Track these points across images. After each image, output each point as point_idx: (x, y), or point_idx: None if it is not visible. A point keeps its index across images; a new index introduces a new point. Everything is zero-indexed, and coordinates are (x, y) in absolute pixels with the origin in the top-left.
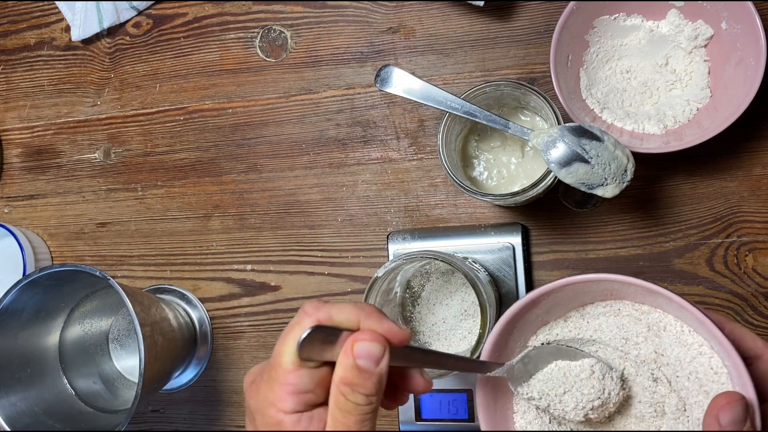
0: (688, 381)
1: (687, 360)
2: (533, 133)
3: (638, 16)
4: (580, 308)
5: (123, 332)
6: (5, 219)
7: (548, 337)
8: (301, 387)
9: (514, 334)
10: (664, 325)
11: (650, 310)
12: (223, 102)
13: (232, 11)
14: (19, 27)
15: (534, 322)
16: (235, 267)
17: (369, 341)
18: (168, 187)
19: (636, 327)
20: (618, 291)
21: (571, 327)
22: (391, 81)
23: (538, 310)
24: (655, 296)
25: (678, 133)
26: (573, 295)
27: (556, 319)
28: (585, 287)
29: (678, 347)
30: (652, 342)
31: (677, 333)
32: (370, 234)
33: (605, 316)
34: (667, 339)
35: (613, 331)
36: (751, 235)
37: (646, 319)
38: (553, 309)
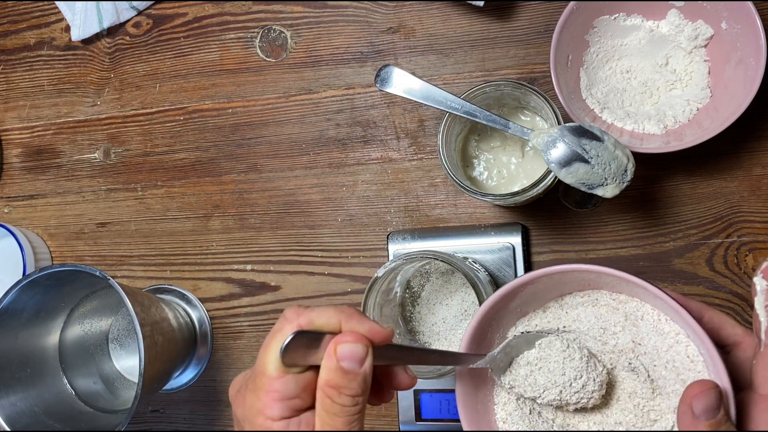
0: (665, 370)
1: (664, 349)
2: (533, 133)
3: (638, 16)
4: (559, 298)
5: (123, 332)
6: (5, 219)
7: (527, 328)
8: (287, 393)
9: (493, 326)
10: (642, 315)
11: (627, 300)
12: (223, 102)
13: (232, 11)
14: (19, 27)
15: (513, 313)
16: (235, 267)
17: (351, 343)
18: (168, 187)
19: (614, 316)
20: (595, 281)
21: (550, 317)
22: (391, 81)
23: (517, 301)
24: (631, 286)
25: (678, 133)
26: (551, 285)
27: (534, 310)
28: (562, 277)
29: (655, 336)
30: (629, 331)
31: (654, 322)
32: (370, 234)
33: (583, 306)
34: (644, 328)
35: (591, 321)
36: (751, 235)
37: (623, 309)
38: (532, 300)
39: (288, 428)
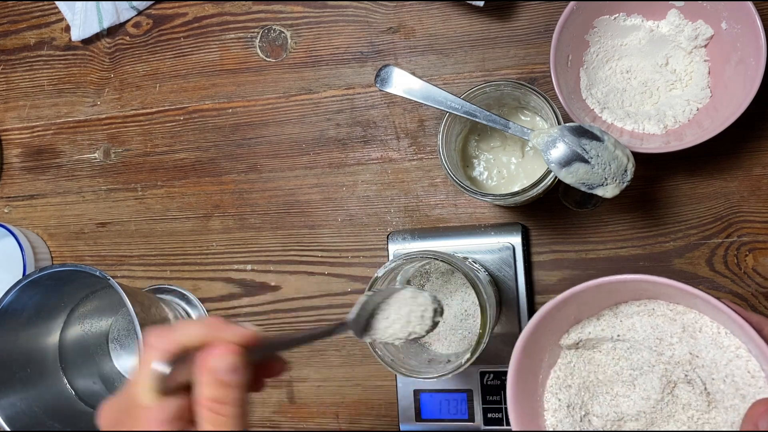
0: (723, 384)
1: (723, 363)
2: (533, 133)
3: (638, 16)
4: (613, 307)
5: (123, 332)
6: (5, 219)
7: (580, 336)
8: (168, 419)
9: (546, 333)
10: (700, 327)
11: (685, 311)
12: (223, 102)
13: (232, 11)
14: (19, 27)
15: (565, 321)
16: (235, 267)
17: (223, 354)
18: (168, 187)
19: (671, 327)
20: (652, 290)
21: (604, 325)
22: (391, 81)
23: (570, 309)
24: (689, 297)
25: (678, 133)
26: (606, 293)
27: (588, 317)
28: (619, 286)
29: (714, 349)
30: (687, 343)
31: (713, 335)
32: (370, 234)
33: (639, 315)
34: (702, 341)
35: (647, 331)
36: (751, 235)
37: (681, 320)
38: (585, 307)
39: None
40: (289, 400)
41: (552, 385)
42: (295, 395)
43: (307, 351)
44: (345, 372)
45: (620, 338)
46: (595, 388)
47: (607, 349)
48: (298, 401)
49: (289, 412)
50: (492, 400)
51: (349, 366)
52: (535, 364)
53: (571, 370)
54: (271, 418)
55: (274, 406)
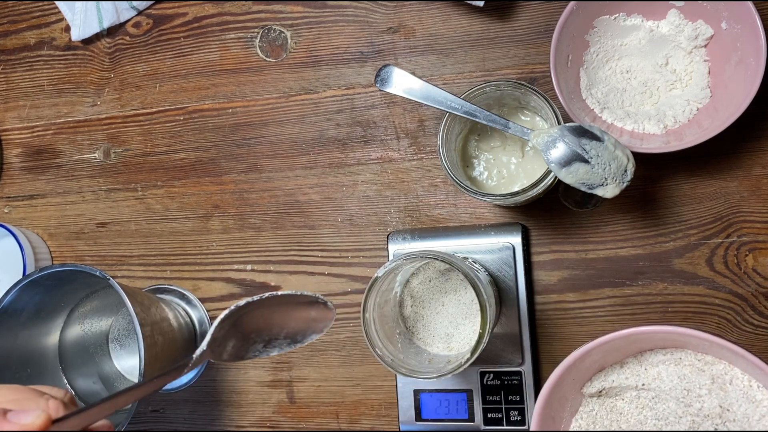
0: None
1: (756, 418)
2: (533, 133)
3: (638, 16)
4: (638, 354)
5: (123, 332)
6: (5, 219)
7: (603, 384)
8: None
9: (568, 382)
10: (730, 378)
11: (714, 361)
12: (223, 102)
13: (232, 11)
14: (19, 27)
15: (589, 369)
16: (235, 267)
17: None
18: (168, 187)
19: (699, 378)
20: (679, 339)
21: (628, 373)
22: (391, 81)
23: (594, 357)
24: (719, 348)
25: (678, 133)
26: (631, 342)
27: (612, 365)
28: (645, 336)
29: (746, 403)
30: (716, 395)
31: (745, 387)
32: (370, 234)
33: (665, 364)
34: (733, 393)
35: (674, 381)
36: (751, 235)
37: (709, 371)
38: (609, 355)
39: None
40: (289, 400)
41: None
42: (295, 395)
43: (307, 351)
44: (345, 372)
45: (645, 387)
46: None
47: (630, 398)
48: (298, 401)
49: (289, 412)
50: (492, 400)
51: (349, 366)
52: (557, 413)
53: (593, 419)
54: (271, 418)
55: (274, 406)
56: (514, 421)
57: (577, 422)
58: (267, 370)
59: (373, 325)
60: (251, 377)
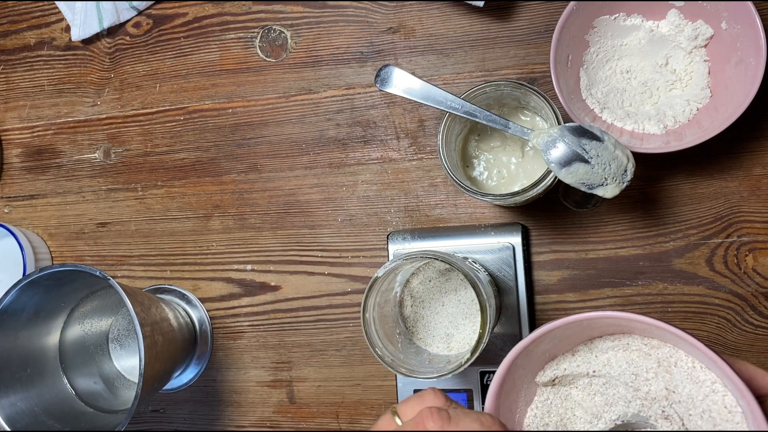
0: (701, 419)
1: (700, 398)
2: (533, 133)
3: (638, 16)
4: (588, 342)
5: (123, 332)
6: (5, 219)
7: (556, 372)
8: None
9: (520, 371)
10: (675, 361)
11: (660, 345)
12: (223, 102)
13: (232, 11)
14: (19, 27)
15: (540, 358)
16: (235, 267)
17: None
18: (168, 187)
19: (646, 362)
20: (626, 325)
21: (579, 361)
22: (391, 81)
23: (545, 346)
24: (663, 332)
25: (678, 133)
26: (580, 329)
27: (563, 353)
28: (592, 323)
29: (690, 384)
30: (662, 378)
31: (689, 369)
32: (370, 234)
33: (614, 350)
34: (678, 375)
35: (623, 366)
36: (751, 235)
37: (656, 354)
38: (561, 342)
39: None
40: (289, 400)
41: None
42: (295, 395)
43: (307, 351)
44: (345, 372)
45: (596, 374)
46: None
47: (583, 385)
48: (298, 401)
49: (289, 412)
50: None
51: (349, 366)
52: (511, 402)
53: (548, 408)
54: (271, 418)
55: (274, 406)
56: None
57: (532, 411)
58: (267, 370)
59: (373, 325)
60: (251, 377)
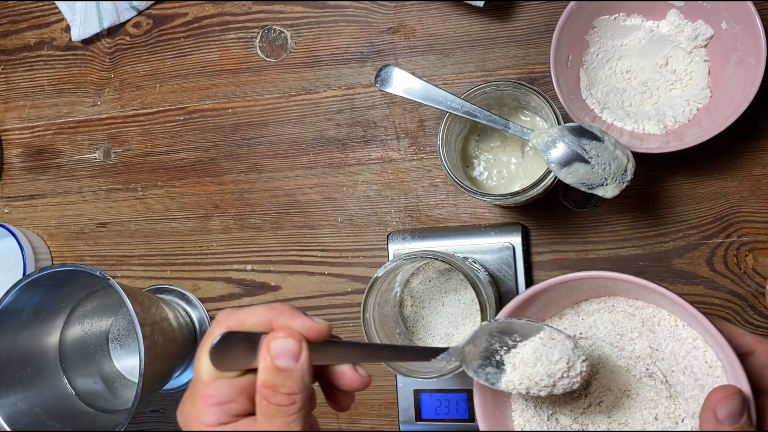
0: (683, 375)
1: (682, 354)
2: (533, 133)
3: (638, 16)
4: (575, 305)
5: (123, 332)
6: (5, 219)
7: None
8: (221, 398)
9: None
10: (658, 320)
11: (644, 306)
12: (223, 102)
13: (232, 11)
14: (19, 27)
15: None
16: (235, 267)
17: (283, 338)
18: (168, 187)
19: (630, 322)
20: (611, 287)
21: (567, 324)
22: (391, 81)
23: (533, 309)
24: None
25: (678, 133)
26: (567, 292)
27: (551, 317)
28: (578, 284)
29: (672, 342)
30: (646, 337)
31: (671, 327)
32: (370, 234)
33: (600, 312)
34: (661, 334)
35: (608, 327)
36: (751, 235)
37: (640, 315)
38: (548, 307)
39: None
40: None
41: None
42: None
43: None
44: None
45: (583, 336)
46: None
47: None
48: None
49: None
50: None
51: None
52: None
53: None
54: None
55: None
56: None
57: None
58: None
59: (373, 325)
60: None
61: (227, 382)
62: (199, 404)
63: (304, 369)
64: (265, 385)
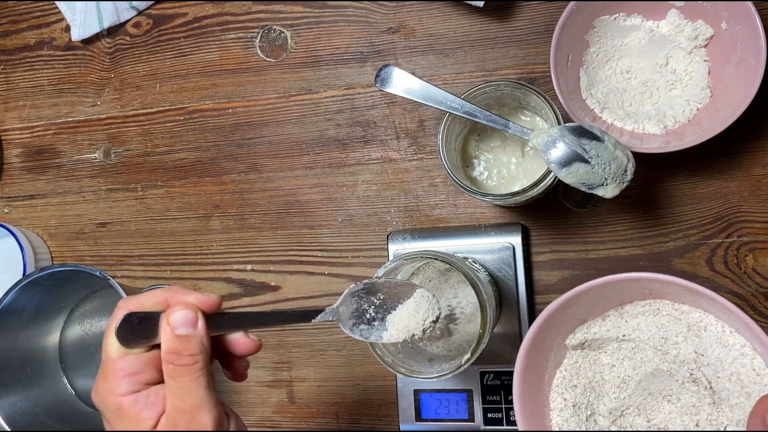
0: (729, 382)
1: (728, 361)
2: (533, 133)
3: (638, 16)
4: (619, 307)
5: None
6: (5, 219)
7: (586, 336)
8: (130, 370)
9: (551, 333)
10: (705, 326)
11: (690, 310)
12: (223, 102)
13: (232, 11)
14: (19, 27)
15: (571, 321)
16: (235, 267)
17: (180, 310)
18: (168, 187)
19: (676, 327)
20: (658, 290)
21: (609, 326)
22: (391, 81)
23: (576, 309)
24: (696, 296)
25: (678, 133)
26: (611, 293)
27: (594, 318)
28: (624, 286)
29: (719, 348)
30: (692, 342)
31: (718, 333)
32: (370, 234)
33: (644, 315)
34: (707, 339)
35: (653, 331)
36: (751, 235)
37: (686, 319)
38: (591, 307)
39: (137, 401)
40: (289, 400)
41: (558, 385)
42: (295, 395)
43: (307, 351)
44: (345, 372)
45: (625, 338)
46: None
47: (612, 350)
48: (298, 401)
49: (289, 412)
50: (492, 400)
51: (349, 366)
52: (540, 364)
53: (577, 370)
54: (271, 418)
55: (274, 406)
56: (515, 421)
57: (561, 373)
58: (267, 370)
59: None
60: (251, 377)
61: (135, 356)
62: (111, 379)
63: (201, 333)
64: (169, 352)
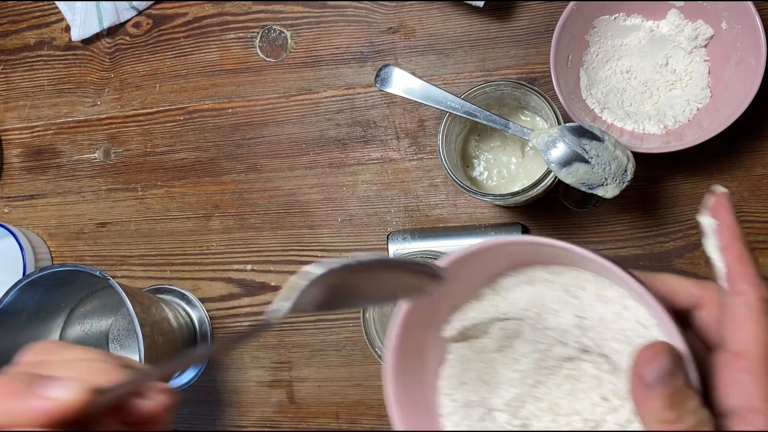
0: (616, 342)
1: (611, 318)
2: (533, 133)
3: (638, 16)
4: (492, 284)
5: (123, 332)
6: (5, 219)
7: (464, 323)
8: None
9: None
10: (583, 285)
11: (564, 270)
12: (223, 102)
13: (232, 11)
14: (19, 27)
15: (441, 309)
16: (235, 267)
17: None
18: (168, 187)
19: (551, 293)
20: (525, 255)
21: (487, 306)
22: (391, 81)
23: (441, 293)
24: (563, 252)
25: (678, 133)
26: (479, 266)
27: (468, 301)
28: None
29: (599, 305)
30: (571, 306)
31: (596, 290)
32: (370, 234)
33: (519, 286)
34: (586, 299)
35: (528, 302)
36: (751, 235)
37: (560, 281)
38: (461, 289)
39: None
40: (289, 400)
41: (445, 386)
42: (295, 395)
43: (307, 351)
44: (345, 372)
45: (506, 316)
46: (492, 379)
47: (496, 333)
48: (298, 401)
49: (289, 412)
50: None
51: (349, 366)
52: (418, 366)
53: (465, 365)
54: (271, 418)
55: (274, 406)
56: None
57: (447, 371)
58: (267, 370)
59: (373, 324)
60: (251, 377)
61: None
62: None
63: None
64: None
